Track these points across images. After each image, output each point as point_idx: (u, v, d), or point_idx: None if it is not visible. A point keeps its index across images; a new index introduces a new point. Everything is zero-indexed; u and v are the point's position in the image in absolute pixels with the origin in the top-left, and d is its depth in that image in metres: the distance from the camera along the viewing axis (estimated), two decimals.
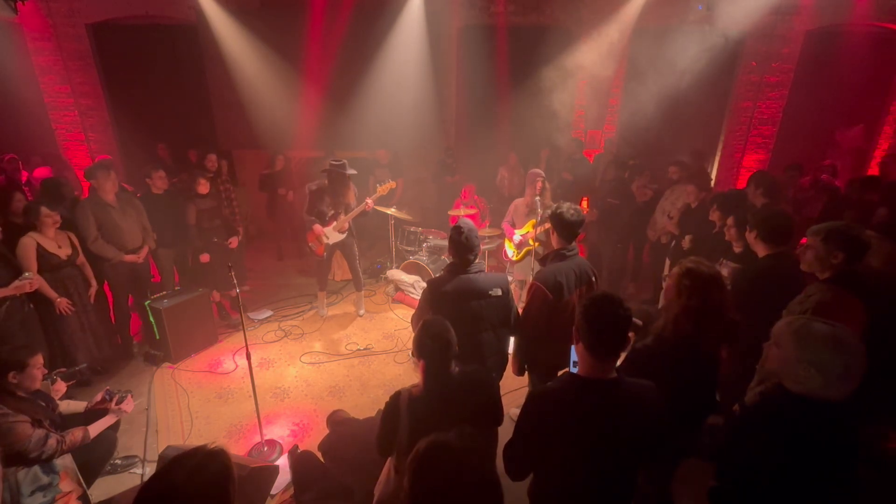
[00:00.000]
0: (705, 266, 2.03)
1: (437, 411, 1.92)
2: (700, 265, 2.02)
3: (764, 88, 7.22)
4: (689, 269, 2.01)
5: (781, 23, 6.81)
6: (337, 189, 4.69)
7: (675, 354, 1.97)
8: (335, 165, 4.62)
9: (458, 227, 2.63)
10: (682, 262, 2.08)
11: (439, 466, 1.30)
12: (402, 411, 1.93)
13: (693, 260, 2.08)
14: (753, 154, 7.62)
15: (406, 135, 6.95)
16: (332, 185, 4.68)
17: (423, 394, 1.97)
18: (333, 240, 4.85)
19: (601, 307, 1.60)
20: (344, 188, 4.72)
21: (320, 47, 6.65)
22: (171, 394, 3.97)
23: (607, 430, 1.60)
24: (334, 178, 4.65)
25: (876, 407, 2.89)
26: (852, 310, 2.22)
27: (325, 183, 4.72)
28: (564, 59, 6.81)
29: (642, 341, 2.10)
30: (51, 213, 3.59)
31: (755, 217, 2.85)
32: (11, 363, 2.42)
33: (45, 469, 2.44)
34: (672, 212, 4.78)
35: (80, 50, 6.77)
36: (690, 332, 1.95)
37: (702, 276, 1.98)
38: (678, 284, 2.02)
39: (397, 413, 1.94)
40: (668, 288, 2.14)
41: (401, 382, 4.11)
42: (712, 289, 1.97)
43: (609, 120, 7.46)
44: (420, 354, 1.98)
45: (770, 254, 2.77)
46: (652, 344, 2.05)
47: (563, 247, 2.74)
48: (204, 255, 4.79)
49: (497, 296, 2.64)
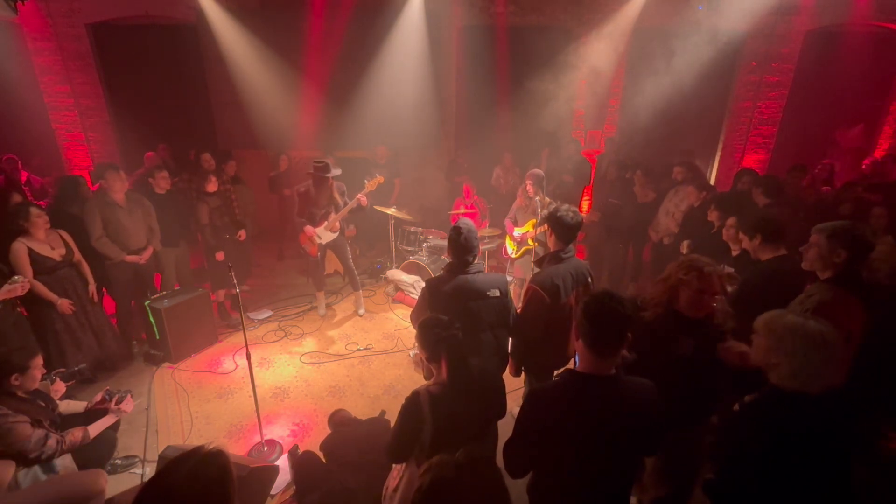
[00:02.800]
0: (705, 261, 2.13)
1: (461, 406, 1.92)
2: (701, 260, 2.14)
3: (764, 88, 7.23)
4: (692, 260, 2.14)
5: (781, 23, 6.81)
6: (320, 190, 4.72)
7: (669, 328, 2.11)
8: (317, 167, 4.65)
9: (457, 227, 2.64)
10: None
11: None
12: (424, 410, 1.88)
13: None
14: (753, 154, 7.62)
15: (406, 135, 6.95)
16: (316, 186, 4.71)
17: (447, 390, 1.94)
18: (326, 239, 4.86)
19: (602, 305, 1.61)
20: (327, 189, 4.73)
21: (320, 47, 6.65)
22: (171, 394, 3.97)
23: (606, 427, 1.61)
24: (316, 181, 4.68)
25: (876, 406, 2.90)
26: (853, 310, 2.22)
27: (310, 184, 4.74)
28: (564, 59, 6.80)
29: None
30: (41, 214, 3.56)
31: (755, 222, 2.86)
32: (13, 365, 2.42)
33: (45, 469, 2.45)
34: (676, 213, 4.77)
35: (80, 50, 6.77)
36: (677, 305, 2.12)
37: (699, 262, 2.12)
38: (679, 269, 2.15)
39: (420, 413, 1.89)
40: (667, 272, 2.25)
41: (401, 382, 4.11)
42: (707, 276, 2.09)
43: (609, 120, 7.47)
44: (436, 353, 1.97)
45: (773, 257, 2.77)
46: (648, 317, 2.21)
47: (561, 249, 2.73)
48: (219, 254, 4.79)
49: (495, 297, 2.64)
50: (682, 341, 2.09)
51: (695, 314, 2.10)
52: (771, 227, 2.79)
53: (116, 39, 6.92)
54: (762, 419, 1.61)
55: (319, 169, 4.64)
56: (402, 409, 1.95)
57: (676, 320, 2.13)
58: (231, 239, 4.95)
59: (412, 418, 1.91)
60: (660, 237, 5.03)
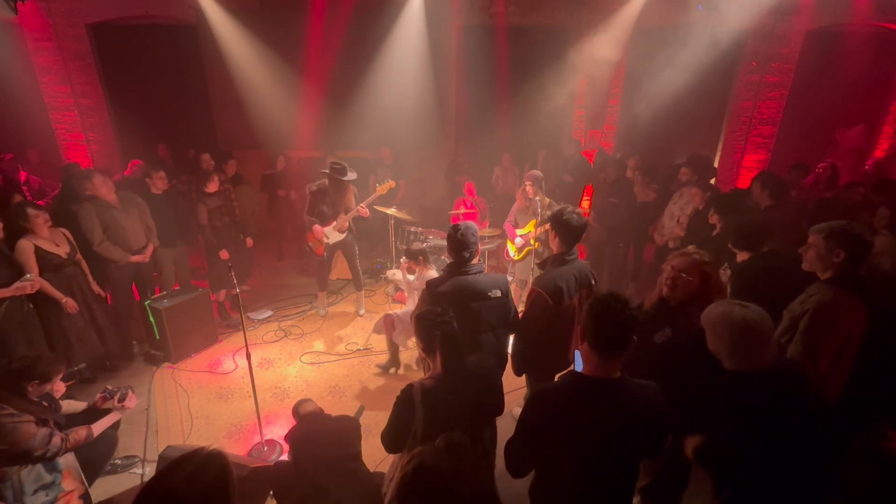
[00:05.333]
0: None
1: (453, 400, 1.95)
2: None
3: (764, 88, 7.22)
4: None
5: (781, 23, 6.80)
6: (336, 191, 4.70)
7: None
8: (335, 169, 4.63)
9: (455, 224, 2.66)
10: None
11: (428, 491, 1.27)
12: (416, 403, 1.93)
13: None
14: (753, 154, 7.62)
15: (406, 135, 6.95)
16: (332, 186, 4.70)
17: (440, 383, 1.98)
18: (334, 239, 4.85)
19: (606, 307, 1.60)
20: (343, 191, 4.73)
21: (320, 47, 6.65)
22: (171, 394, 3.97)
23: (610, 430, 1.61)
24: (333, 182, 4.66)
25: (876, 406, 2.90)
26: (853, 310, 2.22)
27: (325, 184, 4.72)
28: (564, 59, 6.81)
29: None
30: (38, 213, 3.57)
31: (732, 235, 2.97)
32: (36, 373, 2.44)
33: (48, 468, 2.45)
34: (681, 217, 4.76)
35: (80, 50, 6.78)
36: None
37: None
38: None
39: (411, 405, 1.94)
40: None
41: (401, 382, 4.10)
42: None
43: (609, 120, 7.46)
44: (431, 343, 2.00)
45: (753, 255, 2.85)
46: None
47: (565, 251, 2.72)
48: (223, 252, 4.78)
49: (496, 297, 2.65)
50: (660, 330, 2.18)
51: (670, 295, 2.21)
52: (735, 234, 2.92)
53: (116, 39, 6.92)
54: (724, 402, 1.75)
55: (337, 171, 4.62)
56: (396, 400, 2.00)
57: (660, 308, 2.25)
58: (233, 239, 4.94)
59: (404, 409, 1.96)
60: (664, 241, 5.00)
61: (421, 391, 1.95)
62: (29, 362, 2.46)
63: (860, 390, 2.43)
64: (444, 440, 1.37)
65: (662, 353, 2.14)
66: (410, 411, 1.94)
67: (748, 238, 2.86)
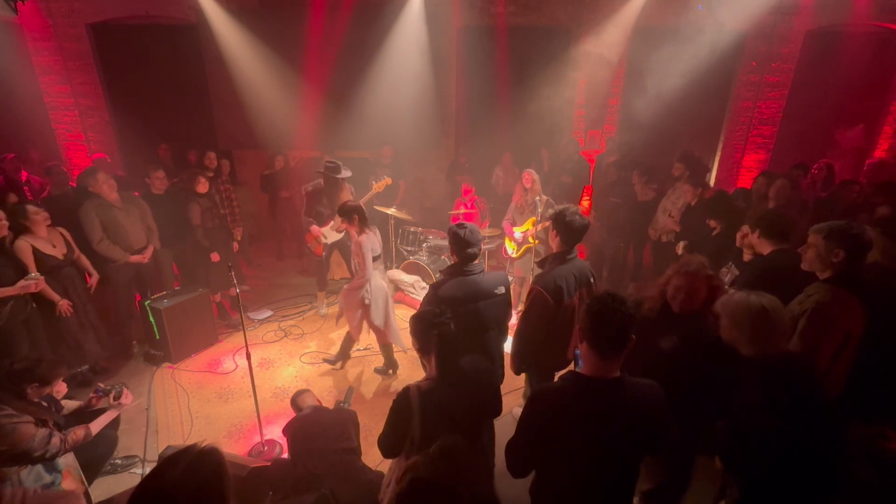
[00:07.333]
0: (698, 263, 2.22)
1: (451, 400, 1.93)
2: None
3: (764, 88, 7.22)
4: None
5: (781, 23, 6.81)
6: (332, 190, 4.70)
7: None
8: (329, 168, 4.63)
9: (459, 223, 2.66)
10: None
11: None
12: (413, 405, 1.91)
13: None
14: (753, 154, 7.62)
15: (406, 135, 6.95)
16: (327, 186, 4.69)
17: (436, 385, 1.96)
18: (332, 239, 4.86)
19: (604, 306, 1.60)
20: (339, 190, 4.73)
21: (320, 47, 6.65)
22: (171, 394, 3.97)
23: (610, 429, 1.61)
24: (328, 181, 4.66)
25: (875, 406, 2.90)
26: (852, 310, 2.22)
27: (320, 184, 4.73)
28: (564, 59, 6.80)
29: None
30: (39, 211, 3.57)
31: (758, 218, 2.91)
32: (37, 376, 2.44)
33: (48, 468, 2.45)
34: (673, 211, 4.77)
35: (80, 50, 6.78)
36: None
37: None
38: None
39: (409, 408, 1.92)
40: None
41: (401, 381, 4.11)
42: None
43: (609, 120, 7.46)
44: (427, 344, 1.98)
45: (773, 251, 2.80)
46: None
47: (565, 251, 2.73)
48: (214, 255, 4.78)
49: (501, 294, 2.68)
50: (666, 337, 2.17)
51: (677, 309, 2.21)
52: (767, 222, 2.86)
53: (116, 39, 6.92)
54: (750, 390, 1.83)
55: (331, 169, 4.62)
56: (393, 403, 1.98)
57: (665, 316, 2.25)
58: (224, 242, 4.94)
59: (401, 413, 1.94)
60: (658, 235, 5.03)
61: (418, 394, 1.93)
62: (30, 364, 2.46)
63: (859, 390, 2.43)
64: (437, 447, 1.34)
65: (672, 360, 2.12)
66: (407, 415, 1.92)
67: (781, 229, 2.82)
